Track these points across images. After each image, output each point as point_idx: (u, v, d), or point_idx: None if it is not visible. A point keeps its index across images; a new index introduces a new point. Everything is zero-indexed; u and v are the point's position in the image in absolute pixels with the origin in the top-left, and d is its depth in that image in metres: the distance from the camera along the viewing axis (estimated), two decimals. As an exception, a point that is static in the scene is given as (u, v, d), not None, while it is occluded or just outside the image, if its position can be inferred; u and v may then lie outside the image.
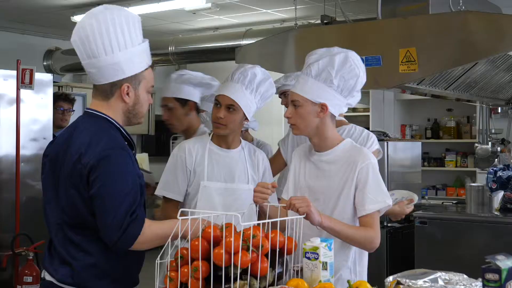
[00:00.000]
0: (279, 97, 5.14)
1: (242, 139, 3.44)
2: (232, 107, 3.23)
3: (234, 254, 2.29)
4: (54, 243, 2.59)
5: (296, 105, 2.84)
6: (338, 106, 2.86)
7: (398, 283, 2.20)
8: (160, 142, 10.85)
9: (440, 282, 2.21)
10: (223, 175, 3.30)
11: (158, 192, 3.34)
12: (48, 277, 2.59)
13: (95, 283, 2.54)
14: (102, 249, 2.52)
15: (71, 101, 6.11)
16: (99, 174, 2.44)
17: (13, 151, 5.37)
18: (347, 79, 2.79)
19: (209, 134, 3.40)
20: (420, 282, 2.20)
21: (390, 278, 2.32)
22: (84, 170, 2.45)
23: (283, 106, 4.95)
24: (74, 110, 6.17)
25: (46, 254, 2.64)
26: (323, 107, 2.82)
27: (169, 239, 2.42)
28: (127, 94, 2.60)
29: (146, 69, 2.63)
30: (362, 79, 2.85)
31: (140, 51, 2.60)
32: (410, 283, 2.19)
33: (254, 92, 3.27)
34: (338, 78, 2.78)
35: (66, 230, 2.54)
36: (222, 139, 3.33)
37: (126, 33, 2.55)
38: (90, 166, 2.44)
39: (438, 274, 2.25)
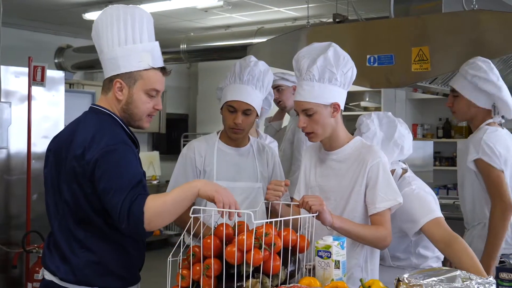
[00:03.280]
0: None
1: (250, 136, 3.44)
2: (248, 111, 3.22)
3: (246, 252, 2.29)
4: (55, 238, 2.55)
5: (309, 113, 2.83)
6: (344, 100, 2.89)
7: (399, 280, 2.17)
8: (171, 140, 10.86)
9: (458, 280, 2.18)
10: (233, 174, 3.29)
11: None
12: (48, 276, 2.56)
13: (97, 280, 2.51)
14: (105, 247, 2.51)
15: None
16: (104, 169, 2.39)
17: (24, 149, 5.37)
18: (345, 72, 2.82)
19: (217, 133, 3.39)
20: (421, 281, 2.15)
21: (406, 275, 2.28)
22: (87, 167, 2.42)
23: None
24: None
25: (46, 252, 2.60)
26: (335, 106, 2.83)
27: (182, 237, 2.42)
28: (120, 91, 2.56)
29: (146, 69, 2.56)
30: (354, 67, 2.87)
31: (141, 49, 2.56)
32: (406, 280, 2.16)
33: (262, 88, 3.27)
34: (340, 74, 2.80)
35: (70, 224, 2.51)
36: (231, 138, 3.32)
37: (129, 30, 2.55)
38: (93, 162, 2.40)
39: (458, 272, 2.23)
